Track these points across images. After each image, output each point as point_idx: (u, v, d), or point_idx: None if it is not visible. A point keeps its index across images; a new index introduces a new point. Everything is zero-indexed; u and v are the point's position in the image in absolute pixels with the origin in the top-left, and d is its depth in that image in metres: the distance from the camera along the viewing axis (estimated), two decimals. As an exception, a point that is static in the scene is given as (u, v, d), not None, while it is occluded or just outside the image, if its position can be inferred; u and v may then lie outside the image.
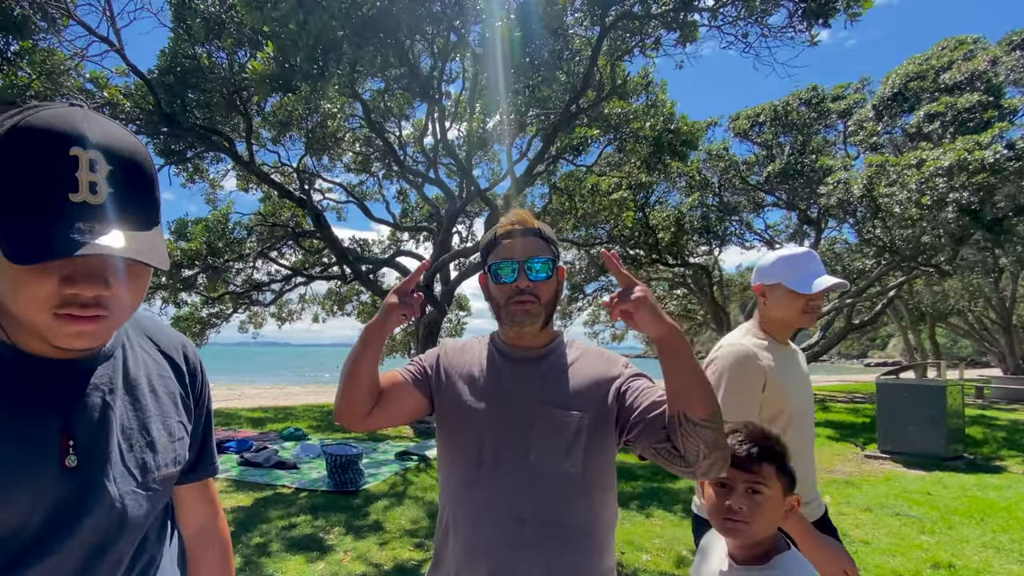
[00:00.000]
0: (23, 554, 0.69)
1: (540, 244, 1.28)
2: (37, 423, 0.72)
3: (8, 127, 0.64)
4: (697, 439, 1.07)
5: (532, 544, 1.19)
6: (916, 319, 28.74)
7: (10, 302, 0.68)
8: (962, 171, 10.44)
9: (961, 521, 5.19)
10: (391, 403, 1.29)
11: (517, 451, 1.23)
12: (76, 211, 0.63)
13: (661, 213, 17.14)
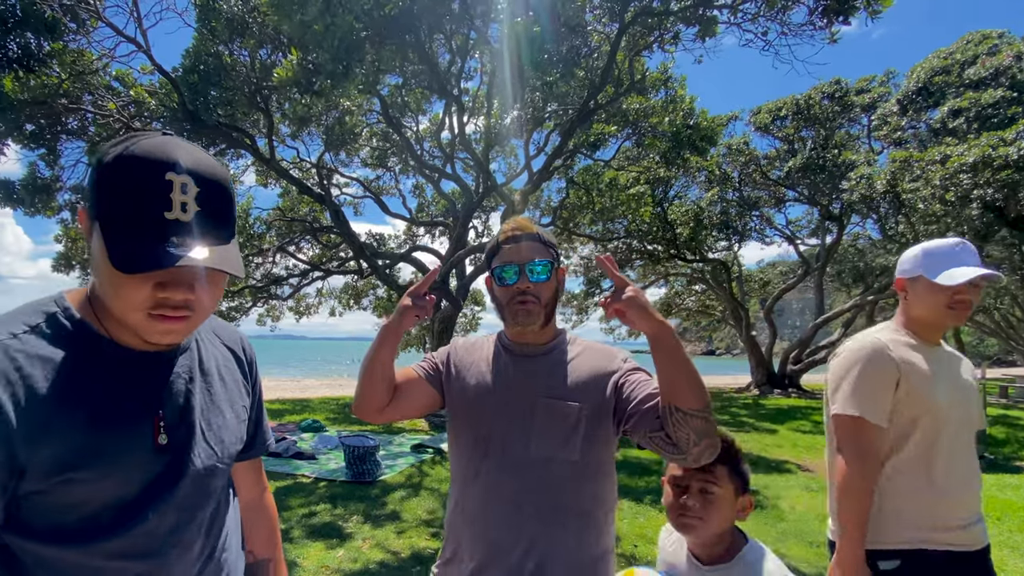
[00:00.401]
0: (126, 518, 0.82)
1: (540, 248, 1.37)
2: (134, 407, 0.85)
3: (115, 155, 0.76)
4: (687, 428, 1.16)
5: (532, 524, 1.29)
6: (940, 317, 28.27)
7: (111, 303, 0.80)
8: (986, 167, 10.33)
9: (978, 520, 5.21)
10: (406, 397, 1.40)
11: (520, 440, 1.32)
12: (170, 227, 0.75)
13: (680, 208, 17.08)
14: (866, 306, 18.87)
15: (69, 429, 0.76)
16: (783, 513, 5.33)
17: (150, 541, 0.84)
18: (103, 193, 0.76)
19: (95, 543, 0.80)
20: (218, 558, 0.96)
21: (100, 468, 0.79)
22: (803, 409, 13.98)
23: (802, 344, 19.39)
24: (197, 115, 7.24)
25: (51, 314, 0.82)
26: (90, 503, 0.79)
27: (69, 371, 0.78)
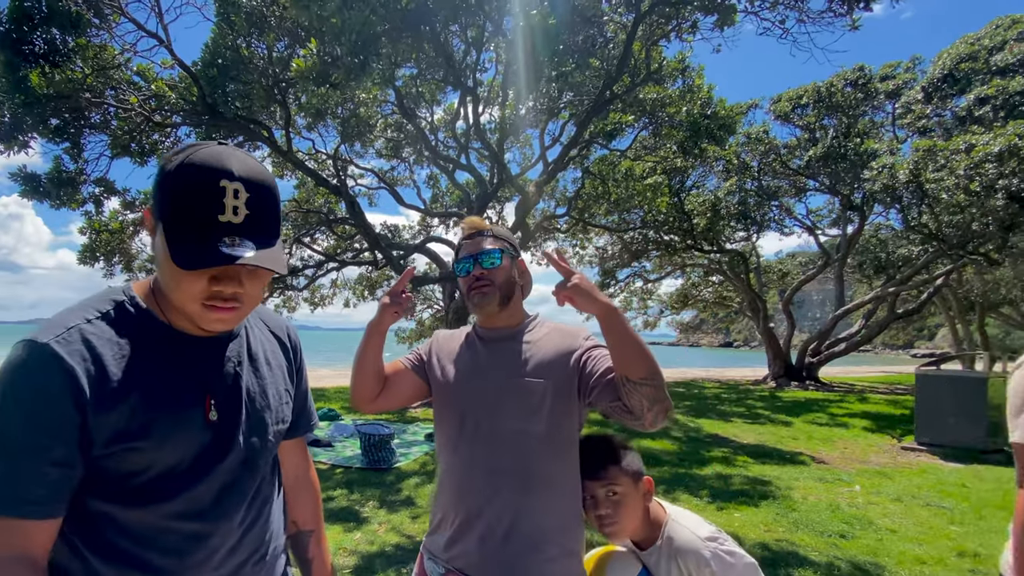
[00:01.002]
0: (178, 485, 0.93)
1: (491, 240, 1.56)
2: (189, 386, 0.96)
3: (177, 163, 0.87)
4: (639, 396, 1.29)
5: (505, 491, 1.43)
6: (965, 309, 27.89)
7: (172, 294, 0.91)
8: (1012, 157, 10.18)
9: (993, 513, 5.23)
10: (395, 387, 1.60)
11: (492, 416, 1.47)
12: (223, 228, 0.85)
13: (697, 198, 16.98)
14: (887, 298, 18.69)
15: (132, 403, 0.88)
16: (795, 503, 5.40)
17: (199, 506, 0.95)
18: (166, 197, 0.87)
19: (153, 505, 0.91)
20: (259, 528, 1.06)
21: (157, 439, 0.90)
22: (820, 402, 13.94)
23: (821, 336, 19.26)
24: (215, 108, 7.40)
25: (119, 302, 0.94)
26: (149, 470, 0.90)
27: (133, 353, 0.90)
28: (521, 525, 1.42)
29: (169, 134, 9.04)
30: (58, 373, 0.82)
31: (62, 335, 0.85)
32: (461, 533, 1.47)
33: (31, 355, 0.83)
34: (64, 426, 0.83)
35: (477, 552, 1.43)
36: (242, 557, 1.02)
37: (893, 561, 4.11)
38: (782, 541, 4.44)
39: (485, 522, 1.44)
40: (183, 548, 0.94)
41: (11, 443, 0.81)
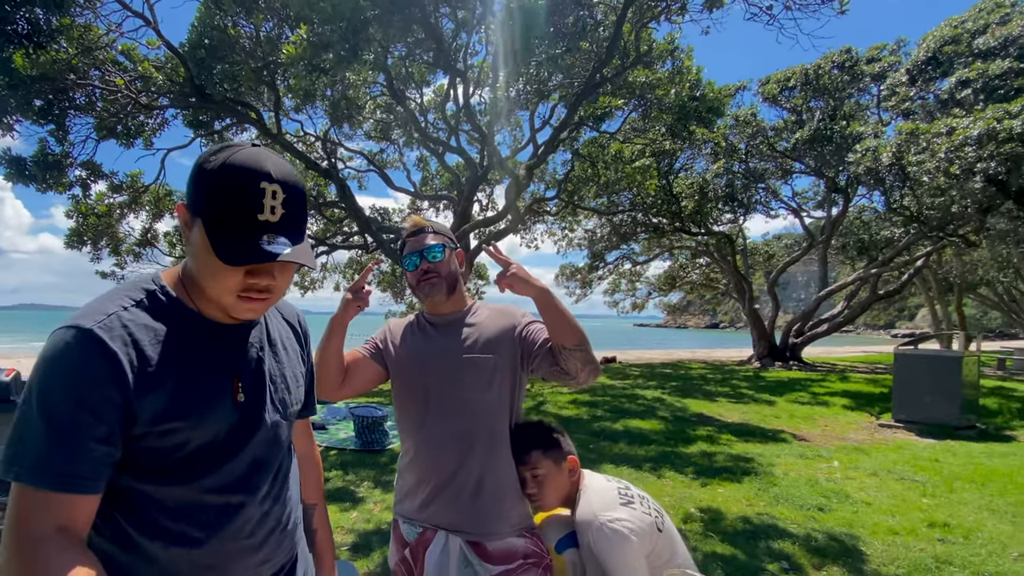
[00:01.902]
0: (212, 462, 1.01)
1: (433, 236, 1.75)
2: (219, 369, 1.03)
3: (218, 164, 0.92)
4: (574, 360, 1.56)
5: (473, 450, 1.65)
6: (944, 290, 28.40)
7: (207, 284, 0.97)
8: (991, 140, 10.33)
9: (963, 486, 5.46)
10: (357, 375, 1.76)
11: (453, 390, 1.66)
12: (262, 227, 0.92)
13: (685, 181, 17.05)
14: (870, 279, 18.98)
15: (170, 386, 0.94)
16: (776, 479, 5.59)
17: (231, 481, 1.03)
18: (207, 195, 0.92)
19: (189, 481, 0.99)
20: (283, 500, 1.15)
21: (193, 418, 0.97)
22: (802, 381, 14.24)
23: (805, 317, 19.56)
24: (203, 90, 7.31)
25: (151, 291, 1.00)
26: (185, 448, 0.97)
27: (168, 338, 0.96)
28: (486, 480, 1.65)
29: (155, 115, 8.91)
30: (102, 356, 0.88)
31: (103, 321, 0.90)
32: (435, 494, 1.66)
33: (76, 340, 0.88)
34: (108, 406, 0.88)
35: (451, 508, 1.64)
36: (269, 527, 1.10)
37: (867, 532, 4.30)
38: (763, 515, 4.62)
39: (458, 481, 1.64)
40: (218, 520, 1.02)
41: (60, 422, 0.86)
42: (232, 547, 1.04)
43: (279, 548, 1.13)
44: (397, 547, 1.77)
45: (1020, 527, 4.39)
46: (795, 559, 3.80)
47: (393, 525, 1.81)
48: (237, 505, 1.04)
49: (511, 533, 1.67)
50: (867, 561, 3.79)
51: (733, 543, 4.05)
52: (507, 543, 1.64)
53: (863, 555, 3.88)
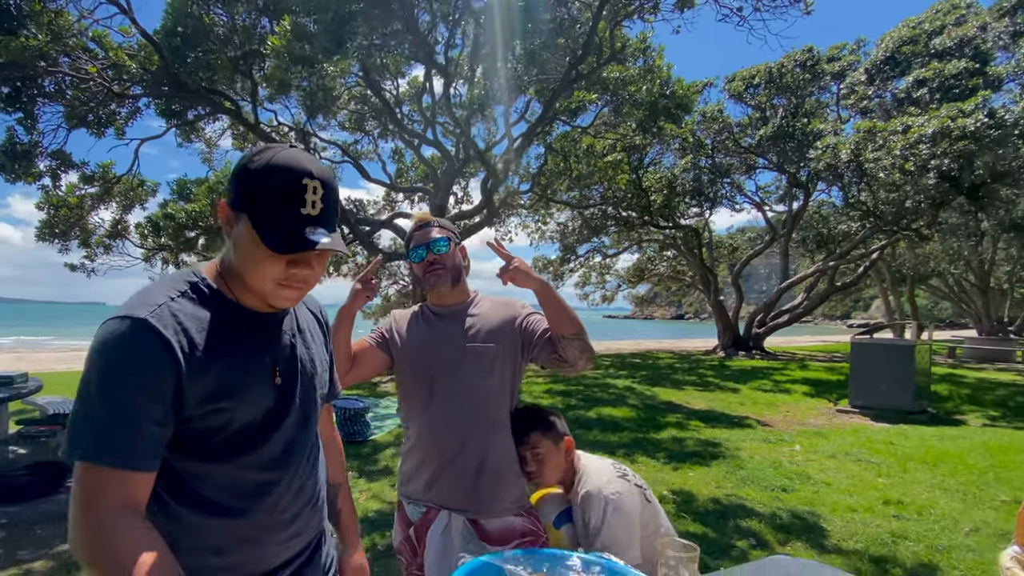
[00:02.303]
0: (252, 440, 1.07)
1: (438, 230, 1.82)
2: (260, 354, 1.10)
3: (264, 162, 0.99)
4: (572, 348, 1.67)
5: (474, 435, 1.73)
6: (897, 281, 29.48)
7: (249, 274, 1.03)
8: (944, 138, 10.73)
9: (916, 466, 5.78)
10: (363, 363, 1.83)
11: (456, 377, 1.74)
12: (305, 219, 0.99)
13: (654, 175, 17.29)
14: (828, 271, 19.58)
15: (216, 370, 1.00)
16: (742, 462, 5.83)
17: (269, 458, 1.10)
18: (254, 191, 0.99)
19: (233, 459, 1.05)
20: (313, 479, 1.22)
21: (236, 400, 1.03)
22: (765, 370, 14.68)
23: (767, 308, 20.10)
24: (179, 79, 7.15)
25: (194, 283, 1.06)
26: (228, 427, 1.04)
27: (211, 326, 1.02)
28: (488, 461, 1.73)
29: (127, 104, 8.64)
30: (156, 343, 0.94)
31: (155, 311, 0.96)
32: (439, 475, 1.74)
33: (132, 329, 0.93)
34: (162, 389, 0.94)
35: (455, 487, 1.73)
36: (302, 502, 1.17)
37: (828, 510, 4.54)
38: (731, 496, 4.83)
39: (461, 462, 1.72)
40: (255, 495, 1.08)
41: (120, 405, 0.91)
42: (267, 521, 1.10)
43: (309, 523, 1.20)
44: (401, 527, 1.84)
45: (970, 504, 4.69)
46: (762, 536, 4.00)
47: (398, 506, 1.88)
48: (273, 482, 1.11)
49: (510, 511, 1.76)
50: (828, 537, 4.01)
51: (704, 522, 4.24)
52: (506, 522, 1.73)
53: (824, 531, 4.11)
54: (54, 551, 3.78)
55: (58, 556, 3.70)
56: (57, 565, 3.56)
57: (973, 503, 4.71)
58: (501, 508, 1.75)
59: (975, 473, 5.54)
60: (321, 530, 1.27)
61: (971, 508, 4.59)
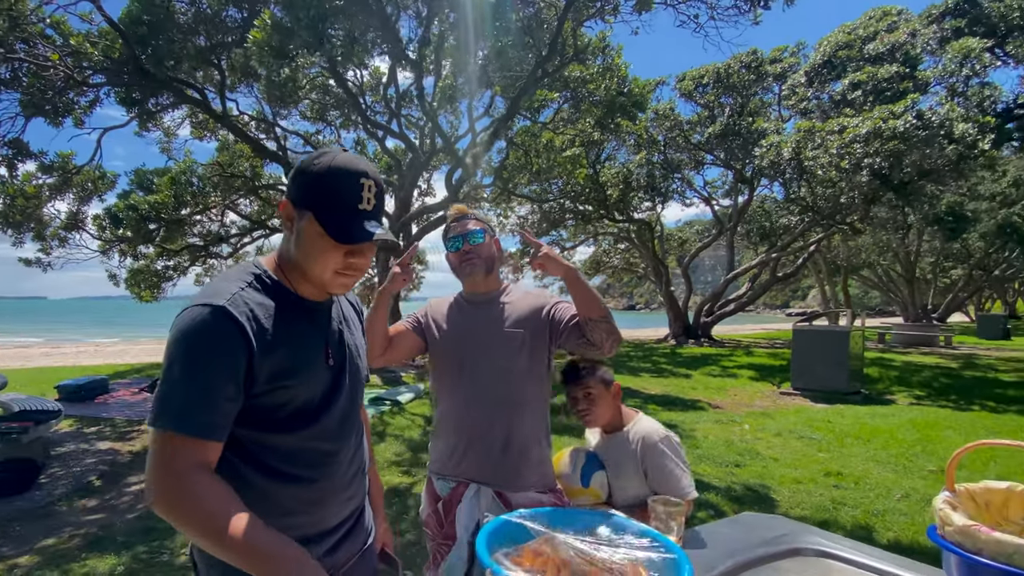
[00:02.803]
0: (312, 415, 1.19)
1: (474, 223, 1.91)
2: (314, 338, 1.21)
3: (326, 165, 1.11)
4: (600, 330, 1.73)
5: (498, 412, 1.81)
6: (832, 272, 31.01)
7: (310, 265, 1.13)
8: (876, 138, 11.32)
9: (852, 442, 6.26)
10: (399, 345, 1.93)
11: (486, 359, 1.84)
12: (362, 214, 1.12)
13: (610, 170, 17.61)
14: (770, 262, 20.45)
15: (281, 352, 1.12)
16: (698, 442, 6.18)
17: (328, 430, 1.22)
18: (318, 190, 1.11)
19: (296, 431, 1.17)
20: (362, 448, 1.37)
21: (297, 378, 1.15)
22: (713, 356, 15.31)
23: (714, 298, 20.85)
24: (144, 68, 6.90)
25: (257, 274, 1.17)
26: (291, 403, 1.15)
27: (275, 313, 1.14)
28: (513, 439, 1.82)
29: (87, 93, 8.24)
30: (234, 328, 1.05)
31: (231, 299, 1.07)
32: (467, 451, 1.84)
33: (212, 315, 1.04)
34: (236, 369, 1.05)
35: (483, 462, 1.82)
36: (355, 469, 1.31)
37: (776, 482, 4.91)
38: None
39: (488, 439, 1.82)
40: (319, 462, 1.21)
41: (201, 382, 1.02)
42: (328, 486, 1.23)
43: (360, 487, 1.35)
44: (430, 500, 1.93)
45: (901, 474, 5.15)
46: (719, 507, 4.31)
47: (427, 482, 1.97)
48: (332, 452, 1.24)
49: (534, 487, 1.84)
50: (777, 506, 4.35)
51: (669, 497, 4.52)
52: (530, 497, 1.80)
53: (774, 501, 4.46)
54: (37, 546, 3.74)
55: (43, 551, 3.67)
56: (42, 560, 3.54)
57: (903, 473, 5.18)
58: (526, 484, 1.83)
59: (904, 446, 6.05)
60: (364, 493, 1.41)
61: (901, 477, 5.04)
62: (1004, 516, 1.29)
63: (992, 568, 1.07)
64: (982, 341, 21.56)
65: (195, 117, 11.81)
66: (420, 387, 9.46)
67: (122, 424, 7.05)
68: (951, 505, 1.25)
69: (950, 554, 1.16)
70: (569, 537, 1.17)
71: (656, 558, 1.12)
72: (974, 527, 1.12)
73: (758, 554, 1.31)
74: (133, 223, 10.85)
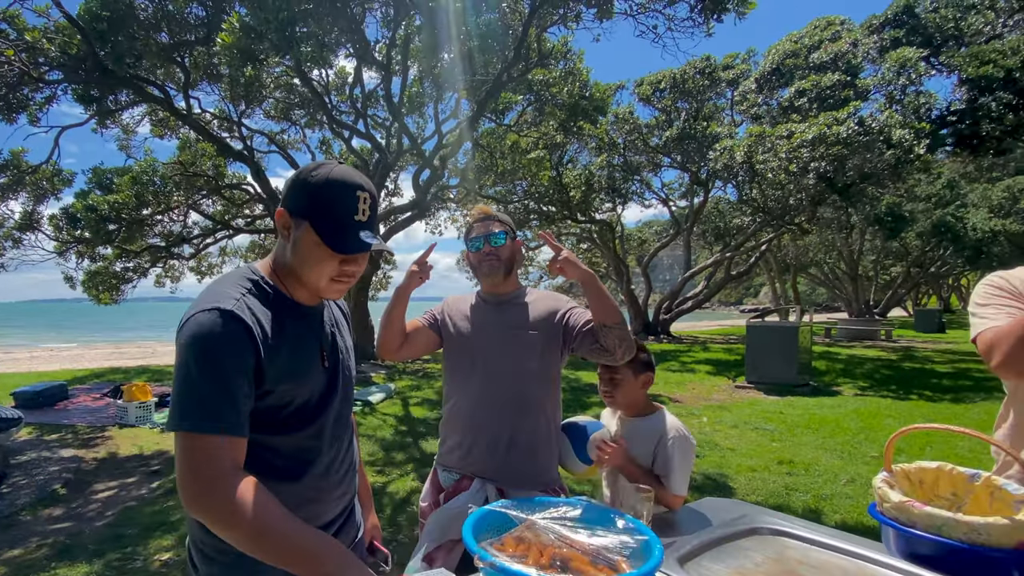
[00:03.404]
0: (310, 415, 1.23)
1: (497, 224, 1.91)
2: (311, 341, 1.25)
3: (323, 177, 1.14)
4: (613, 336, 1.73)
5: (506, 412, 1.82)
6: (782, 270, 32.07)
7: (306, 272, 1.16)
8: (821, 143, 11.79)
9: (802, 431, 6.54)
10: (414, 340, 1.93)
11: (499, 358, 1.84)
12: (358, 225, 1.15)
13: (573, 172, 17.81)
14: (724, 261, 21.03)
15: (284, 353, 1.15)
16: (661, 434, 6.35)
17: (325, 430, 1.26)
18: (317, 201, 1.14)
19: (294, 432, 1.20)
20: (353, 447, 1.41)
21: (298, 380, 1.19)
22: (672, 352, 15.68)
23: (672, 296, 21.31)
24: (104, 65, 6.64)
25: (255, 280, 1.19)
26: (291, 405, 1.19)
27: (274, 317, 1.17)
28: (520, 439, 1.83)
29: (43, 89, 7.86)
30: (244, 330, 1.07)
31: (236, 303, 1.10)
32: (473, 447, 1.85)
33: (223, 319, 1.06)
34: (247, 369, 1.08)
35: (489, 459, 1.83)
36: (346, 467, 1.35)
37: (733, 471, 5.11)
38: (653, 463, 5.29)
39: (493, 438, 1.82)
40: (316, 461, 1.25)
41: (223, 383, 1.04)
42: (324, 483, 1.27)
43: (352, 484, 1.39)
44: (432, 490, 1.94)
45: (847, 460, 5.42)
46: (682, 496, 4.46)
47: (432, 472, 1.98)
48: (329, 450, 1.28)
49: (537, 487, 1.84)
50: (734, 493, 4.53)
51: (633, 487, 4.65)
52: (532, 495, 1.70)
53: (731, 489, 4.64)
54: (3, 557, 3.62)
55: (9, 562, 3.56)
56: (9, 571, 3.44)
57: (849, 459, 5.45)
58: (530, 484, 1.83)
59: (849, 435, 6.36)
60: (355, 491, 1.45)
61: (847, 463, 5.31)
62: (935, 492, 1.43)
63: (924, 539, 1.20)
64: (919, 335, 22.64)
65: (155, 115, 11.43)
66: (391, 387, 9.43)
67: (85, 431, 6.82)
68: (888, 484, 1.38)
69: (888, 528, 1.28)
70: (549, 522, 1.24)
71: (630, 540, 1.20)
72: (908, 503, 1.25)
73: (720, 534, 1.41)
74: (92, 223, 10.40)
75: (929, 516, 1.20)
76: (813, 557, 1.31)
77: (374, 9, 7.79)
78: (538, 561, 1.17)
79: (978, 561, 1.13)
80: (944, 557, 1.17)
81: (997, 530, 1.12)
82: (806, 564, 1.28)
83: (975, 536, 1.14)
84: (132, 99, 8.91)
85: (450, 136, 11.30)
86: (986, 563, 1.13)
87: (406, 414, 7.64)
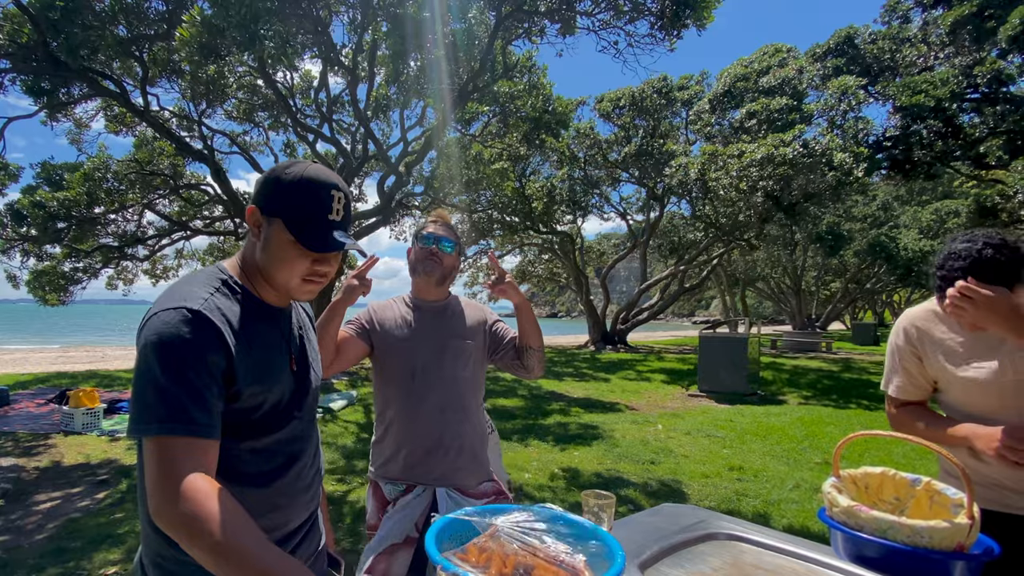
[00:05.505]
0: (279, 419, 1.18)
1: (452, 233, 1.95)
2: (280, 343, 1.20)
3: (296, 176, 1.10)
4: (535, 358, 1.90)
5: (447, 417, 1.84)
6: (732, 283, 33.00)
7: (277, 271, 1.12)
8: (769, 163, 12.23)
9: (751, 438, 6.71)
10: (344, 353, 1.85)
11: (435, 367, 1.85)
12: (331, 224, 1.12)
13: (535, 184, 17.95)
14: (678, 274, 21.51)
15: (254, 355, 1.10)
16: (617, 441, 6.41)
17: (294, 434, 1.21)
18: (289, 199, 1.10)
19: (264, 436, 1.15)
20: (319, 451, 1.36)
21: (268, 382, 1.13)
22: (629, 361, 15.89)
23: (629, 307, 21.65)
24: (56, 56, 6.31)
25: (223, 279, 1.14)
26: (261, 408, 1.13)
27: (243, 318, 1.11)
28: (464, 444, 1.88)
29: None
30: (211, 330, 1.02)
31: (204, 303, 1.04)
32: (421, 457, 1.83)
33: (188, 318, 1.00)
34: (217, 370, 1.02)
35: (438, 466, 1.84)
36: (314, 471, 1.30)
37: (687, 477, 5.19)
38: (611, 470, 5.34)
39: (440, 444, 1.84)
40: (285, 466, 1.19)
41: (191, 382, 0.98)
42: (293, 488, 1.22)
43: (318, 491, 1.34)
44: (378, 506, 1.88)
45: (793, 467, 5.57)
46: (637, 501, 4.50)
47: (372, 487, 1.92)
48: (298, 454, 1.23)
49: (479, 481, 1.93)
50: (688, 499, 4.60)
51: (590, 493, 4.68)
52: (478, 489, 1.91)
53: (685, 494, 4.71)
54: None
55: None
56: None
57: (795, 465, 5.61)
58: (476, 482, 1.92)
59: (795, 442, 6.56)
60: (320, 496, 1.40)
61: (793, 469, 5.47)
62: (880, 497, 1.47)
63: (870, 542, 1.23)
64: (857, 347, 23.64)
65: (111, 110, 10.94)
66: (353, 394, 9.24)
67: (26, 438, 6.42)
68: (837, 489, 1.42)
69: (836, 531, 1.31)
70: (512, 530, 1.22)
71: (592, 546, 1.19)
72: (856, 507, 1.28)
73: (679, 539, 1.43)
74: (40, 221, 9.83)
75: (875, 520, 1.24)
76: (767, 561, 1.33)
77: (340, 13, 7.70)
78: (501, 570, 1.15)
79: (920, 563, 1.17)
80: (889, 559, 1.20)
81: (938, 533, 1.16)
82: (761, 568, 1.30)
83: (918, 539, 1.18)
84: (86, 93, 8.49)
85: (415, 144, 11.22)
86: (928, 564, 1.17)
87: (368, 421, 7.49)
